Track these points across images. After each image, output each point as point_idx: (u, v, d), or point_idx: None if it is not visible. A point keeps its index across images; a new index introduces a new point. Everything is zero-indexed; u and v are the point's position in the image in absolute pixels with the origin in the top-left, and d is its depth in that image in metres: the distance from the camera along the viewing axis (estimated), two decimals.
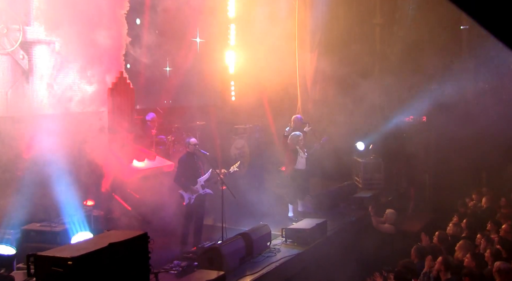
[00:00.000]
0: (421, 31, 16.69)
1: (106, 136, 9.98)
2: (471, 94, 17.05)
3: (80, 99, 10.09)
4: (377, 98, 16.43)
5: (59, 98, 9.88)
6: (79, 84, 10.28)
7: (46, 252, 5.38)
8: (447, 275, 7.29)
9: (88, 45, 9.67)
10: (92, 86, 10.13)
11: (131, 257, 5.62)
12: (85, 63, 9.93)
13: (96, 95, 10.10)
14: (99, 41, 9.72)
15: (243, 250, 8.65)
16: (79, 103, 10.06)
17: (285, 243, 9.67)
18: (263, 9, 14.52)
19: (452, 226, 9.85)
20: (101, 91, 10.10)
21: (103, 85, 10.13)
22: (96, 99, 10.08)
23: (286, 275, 8.85)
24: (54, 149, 8.69)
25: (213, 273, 7.51)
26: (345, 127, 14.63)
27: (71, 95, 10.06)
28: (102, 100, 10.14)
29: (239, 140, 13.33)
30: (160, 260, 7.83)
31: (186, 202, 9.25)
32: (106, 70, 10.08)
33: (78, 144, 9.15)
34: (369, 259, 9.98)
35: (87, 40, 9.65)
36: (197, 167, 9.49)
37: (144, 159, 10.86)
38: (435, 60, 16.11)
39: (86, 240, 6.46)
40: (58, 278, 5.07)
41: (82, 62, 9.94)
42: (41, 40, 10.10)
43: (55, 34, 10.00)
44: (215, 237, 9.63)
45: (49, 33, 9.96)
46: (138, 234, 5.77)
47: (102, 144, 9.62)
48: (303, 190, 11.57)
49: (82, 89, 10.26)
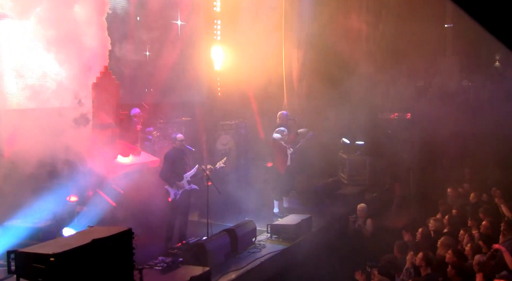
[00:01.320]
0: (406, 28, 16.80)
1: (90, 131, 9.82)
2: (455, 92, 17.22)
3: (57, 92, 9.63)
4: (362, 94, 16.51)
5: (33, 90, 9.24)
6: (55, 75, 9.45)
7: (28, 249, 5.32)
8: (427, 270, 7.37)
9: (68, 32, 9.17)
10: (70, 78, 9.68)
11: (115, 253, 5.58)
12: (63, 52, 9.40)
13: (76, 88, 9.70)
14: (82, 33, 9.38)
15: (228, 246, 8.66)
16: (57, 97, 9.62)
17: (270, 239, 9.70)
18: (249, 4, 14.47)
19: (434, 222, 9.95)
20: (82, 84, 9.80)
21: (84, 78, 9.81)
22: (77, 93, 9.70)
23: (271, 271, 8.88)
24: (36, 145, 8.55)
25: (198, 269, 7.51)
26: (331, 124, 14.69)
27: (46, 87, 9.39)
28: (83, 94, 9.79)
29: (225, 136, 13.30)
30: (144, 256, 7.81)
31: (172, 197, 9.22)
32: (88, 63, 9.74)
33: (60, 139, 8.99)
34: (354, 254, 10.03)
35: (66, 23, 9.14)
36: (183, 163, 9.46)
37: (129, 154, 10.78)
38: (420, 57, 16.23)
39: (69, 236, 6.39)
40: (39, 275, 5.00)
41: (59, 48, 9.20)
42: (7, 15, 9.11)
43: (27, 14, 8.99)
44: (200, 233, 9.61)
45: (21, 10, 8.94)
46: (122, 230, 5.73)
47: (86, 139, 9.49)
48: (288, 186, 11.59)
49: (59, 81, 9.51)
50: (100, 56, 10.13)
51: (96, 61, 9.97)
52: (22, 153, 8.35)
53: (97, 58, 10.02)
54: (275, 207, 11.37)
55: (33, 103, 9.23)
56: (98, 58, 10.05)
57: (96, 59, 9.95)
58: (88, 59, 9.50)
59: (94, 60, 9.82)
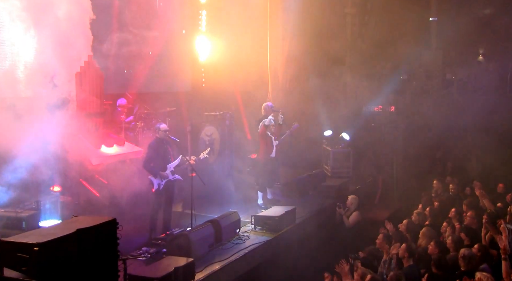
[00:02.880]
0: (391, 21, 16.87)
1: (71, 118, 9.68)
2: (439, 85, 17.37)
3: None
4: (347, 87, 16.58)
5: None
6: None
7: (11, 238, 5.25)
8: (410, 261, 7.45)
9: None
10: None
11: (99, 243, 5.54)
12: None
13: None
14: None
15: (212, 237, 8.66)
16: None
17: (254, 230, 9.71)
18: None
19: (416, 215, 10.05)
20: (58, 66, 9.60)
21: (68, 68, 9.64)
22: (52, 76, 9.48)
23: (255, 262, 8.90)
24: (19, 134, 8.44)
25: (182, 259, 7.48)
26: (315, 116, 14.73)
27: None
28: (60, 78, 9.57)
29: (209, 127, 13.26)
30: (128, 247, 7.78)
31: (155, 188, 9.18)
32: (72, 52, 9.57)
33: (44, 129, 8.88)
34: (337, 246, 10.11)
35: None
36: (167, 153, 9.42)
37: (113, 144, 10.72)
38: (405, 50, 16.32)
39: (53, 226, 6.33)
40: (23, 264, 4.94)
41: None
42: None
43: None
44: (184, 223, 9.62)
45: None
46: (107, 220, 5.68)
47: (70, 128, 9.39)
48: (272, 178, 11.60)
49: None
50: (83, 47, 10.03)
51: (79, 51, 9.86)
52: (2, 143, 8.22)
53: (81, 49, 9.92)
54: (259, 198, 11.39)
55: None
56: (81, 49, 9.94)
57: (79, 50, 9.84)
58: (64, 36, 9.23)
59: (77, 51, 9.69)
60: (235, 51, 14.06)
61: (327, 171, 14.56)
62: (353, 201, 11.41)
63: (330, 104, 15.32)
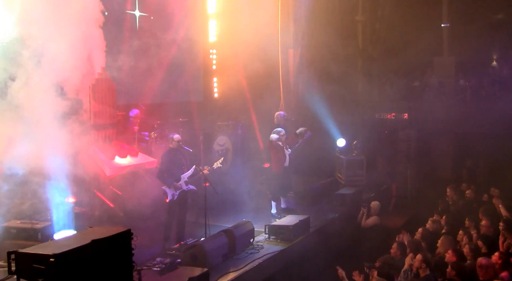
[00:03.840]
0: (403, 28, 16.85)
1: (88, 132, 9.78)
2: (452, 92, 17.26)
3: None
4: (359, 94, 16.54)
5: None
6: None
7: (28, 249, 5.30)
8: (426, 271, 7.37)
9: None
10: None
11: (114, 254, 5.56)
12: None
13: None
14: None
15: (226, 247, 8.64)
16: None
17: (268, 240, 9.67)
18: (245, 4, 14.47)
19: (432, 223, 9.95)
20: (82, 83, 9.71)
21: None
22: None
23: (269, 272, 8.86)
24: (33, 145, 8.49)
25: (196, 269, 7.49)
26: (328, 124, 14.69)
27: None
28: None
29: (221, 137, 13.28)
30: (143, 257, 7.79)
31: (170, 198, 9.20)
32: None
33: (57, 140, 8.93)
34: (351, 255, 10.03)
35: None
36: (180, 164, 9.44)
37: (127, 155, 10.76)
38: (417, 57, 16.27)
39: (68, 237, 6.36)
40: (39, 275, 4.98)
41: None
42: None
43: None
44: (198, 233, 9.60)
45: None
46: (121, 231, 5.71)
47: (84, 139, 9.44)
48: (285, 187, 11.58)
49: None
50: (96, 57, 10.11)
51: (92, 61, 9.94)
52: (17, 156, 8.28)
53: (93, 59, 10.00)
54: (273, 207, 11.37)
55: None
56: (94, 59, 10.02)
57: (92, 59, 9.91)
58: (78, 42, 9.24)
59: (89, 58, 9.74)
60: (247, 60, 14.09)
61: (340, 179, 14.49)
62: (376, 206, 11.71)
63: (342, 111, 15.28)
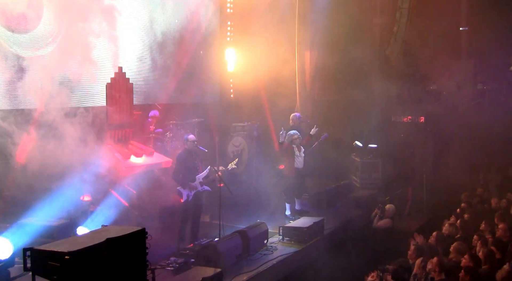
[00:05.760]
0: (421, 31, 16.72)
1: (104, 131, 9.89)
2: (470, 95, 17.09)
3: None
4: (376, 97, 16.44)
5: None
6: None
7: (43, 246, 5.36)
8: (441, 275, 7.29)
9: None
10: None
11: (129, 252, 5.60)
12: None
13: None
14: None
15: (240, 248, 8.65)
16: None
17: (282, 241, 9.67)
18: (262, 5, 14.48)
19: (448, 226, 9.85)
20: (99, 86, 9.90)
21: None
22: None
23: (283, 273, 8.85)
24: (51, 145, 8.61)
25: (209, 270, 7.51)
26: (344, 126, 14.63)
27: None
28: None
29: (237, 138, 13.32)
30: (157, 256, 7.83)
31: (184, 199, 9.23)
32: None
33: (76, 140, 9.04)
34: (366, 258, 9.98)
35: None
36: (195, 164, 9.47)
37: (142, 155, 10.83)
38: (434, 60, 16.13)
39: (84, 235, 6.43)
40: (54, 273, 5.04)
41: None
42: None
43: None
44: (212, 234, 9.62)
45: None
46: (136, 230, 5.75)
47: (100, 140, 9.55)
48: (300, 189, 11.56)
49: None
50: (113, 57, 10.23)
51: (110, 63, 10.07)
52: (35, 155, 8.40)
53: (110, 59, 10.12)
54: (287, 209, 11.35)
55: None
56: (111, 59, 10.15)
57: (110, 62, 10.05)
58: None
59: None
60: (263, 62, 14.09)
61: (355, 182, 14.44)
62: (390, 209, 11.52)
63: (358, 114, 15.21)
